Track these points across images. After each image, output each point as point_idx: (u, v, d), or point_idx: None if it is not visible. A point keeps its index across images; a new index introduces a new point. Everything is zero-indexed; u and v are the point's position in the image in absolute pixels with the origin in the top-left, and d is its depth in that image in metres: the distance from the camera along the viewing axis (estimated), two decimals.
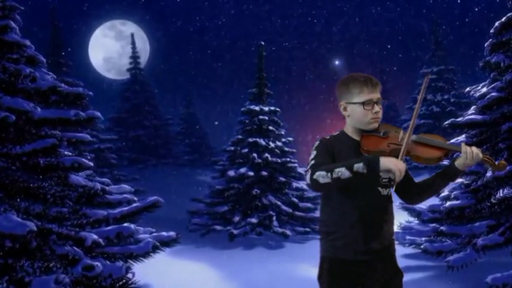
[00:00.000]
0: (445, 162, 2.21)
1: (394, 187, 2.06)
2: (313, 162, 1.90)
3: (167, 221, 10.84)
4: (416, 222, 6.85)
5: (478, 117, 5.53)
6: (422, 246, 5.39)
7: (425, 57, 17.96)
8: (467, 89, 6.37)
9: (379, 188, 1.97)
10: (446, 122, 5.90)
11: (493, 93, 5.43)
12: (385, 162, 1.79)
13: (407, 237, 5.93)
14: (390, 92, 20.45)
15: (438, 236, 5.69)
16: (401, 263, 6.72)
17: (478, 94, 5.82)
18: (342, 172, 1.79)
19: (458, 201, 5.34)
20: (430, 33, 18.21)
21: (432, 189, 2.03)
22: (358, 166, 1.79)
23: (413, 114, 1.99)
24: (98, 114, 5.02)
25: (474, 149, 1.88)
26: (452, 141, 6.36)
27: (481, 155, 1.88)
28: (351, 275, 1.97)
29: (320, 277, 2.04)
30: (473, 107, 6.25)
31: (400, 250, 7.16)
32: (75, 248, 4.32)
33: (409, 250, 6.80)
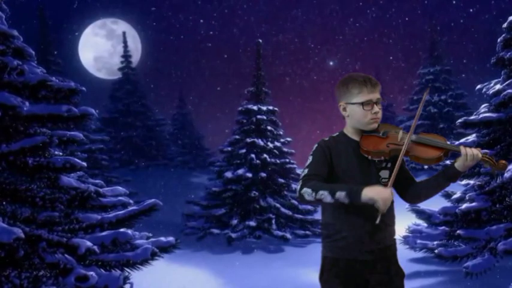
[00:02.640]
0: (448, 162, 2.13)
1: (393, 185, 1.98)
2: (305, 172, 1.92)
3: (161, 224, 10.50)
4: (425, 225, 6.58)
5: (494, 115, 5.28)
6: (436, 251, 5.11)
7: (421, 58, 17.85)
8: (479, 86, 6.13)
9: None
10: (459, 121, 5.64)
11: (509, 90, 5.19)
12: (368, 192, 1.77)
13: (418, 241, 5.66)
14: (386, 92, 20.33)
15: (453, 239, 5.42)
16: (411, 267, 6.37)
17: (491, 91, 5.58)
18: (325, 196, 1.81)
19: (474, 204, 5.08)
20: (426, 34, 18.12)
21: (433, 190, 2.01)
22: (340, 194, 1.80)
23: (415, 118, 2.01)
24: (92, 110, 4.65)
25: (473, 149, 1.88)
26: (462, 140, 6.11)
27: (480, 155, 1.87)
28: (353, 274, 1.97)
29: (321, 277, 2.04)
30: (484, 105, 6.01)
31: (408, 254, 6.92)
32: (67, 256, 3.95)
33: (418, 254, 6.53)
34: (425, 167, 14.17)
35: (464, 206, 5.12)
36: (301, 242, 9.41)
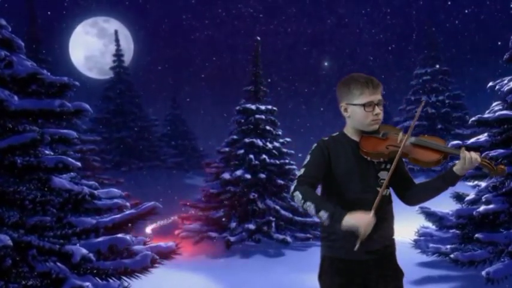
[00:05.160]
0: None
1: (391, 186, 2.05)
2: (301, 171, 1.92)
3: (156, 227, 10.18)
4: (433, 227, 6.33)
5: (510, 112, 5.04)
6: (452, 256, 4.85)
7: (418, 58, 17.67)
8: (491, 83, 5.90)
9: (378, 189, 1.94)
10: (473, 119, 5.40)
11: None
12: (350, 219, 1.77)
13: (431, 245, 5.40)
14: (382, 93, 20.08)
15: (466, 243, 5.18)
16: (421, 272, 6.06)
17: (506, 88, 5.35)
18: (311, 209, 1.82)
19: (492, 206, 4.83)
20: (423, 35, 17.99)
21: (432, 192, 2.00)
22: (323, 214, 1.79)
23: (413, 121, 2.04)
24: (87, 106, 4.31)
25: (472, 153, 1.87)
26: (472, 140, 5.89)
27: (479, 159, 1.86)
28: (351, 274, 1.96)
29: (320, 277, 2.04)
30: (497, 103, 5.81)
31: (417, 258, 6.68)
32: (60, 265, 3.60)
33: (427, 258, 6.27)
34: (425, 168, 13.99)
35: (482, 208, 4.87)
36: (301, 245, 9.13)
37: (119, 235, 4.08)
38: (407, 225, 7.33)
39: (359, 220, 1.76)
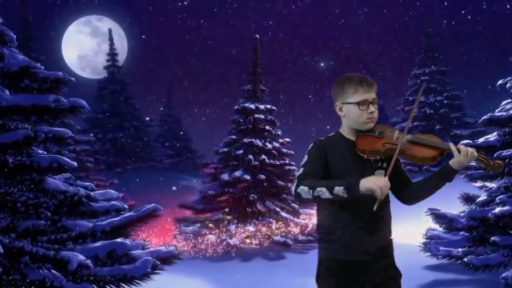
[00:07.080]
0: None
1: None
2: (301, 171, 1.92)
3: (151, 230, 9.94)
4: (441, 230, 6.14)
5: None
6: (466, 259, 4.67)
7: (416, 59, 17.56)
8: (500, 81, 5.74)
9: None
10: (484, 117, 5.24)
11: None
12: (365, 183, 1.77)
13: (441, 248, 5.21)
14: (380, 93, 19.96)
15: (478, 245, 5.00)
16: (428, 276, 5.80)
17: None
18: (323, 192, 1.81)
19: (507, 207, 4.65)
20: (421, 35, 17.89)
21: (429, 190, 2.00)
22: (339, 189, 1.79)
23: (410, 115, 2.09)
24: (83, 102, 4.06)
25: (469, 148, 1.89)
26: (482, 139, 5.72)
27: (476, 154, 1.88)
28: (349, 275, 1.96)
29: (318, 278, 2.03)
30: (507, 101, 5.65)
31: (423, 261, 6.49)
32: (54, 272, 3.35)
33: (433, 261, 6.08)
34: (424, 167, 13.87)
35: (497, 209, 4.69)
36: (303, 248, 8.93)
37: (118, 239, 3.83)
38: (413, 227, 7.14)
39: (375, 182, 1.75)
